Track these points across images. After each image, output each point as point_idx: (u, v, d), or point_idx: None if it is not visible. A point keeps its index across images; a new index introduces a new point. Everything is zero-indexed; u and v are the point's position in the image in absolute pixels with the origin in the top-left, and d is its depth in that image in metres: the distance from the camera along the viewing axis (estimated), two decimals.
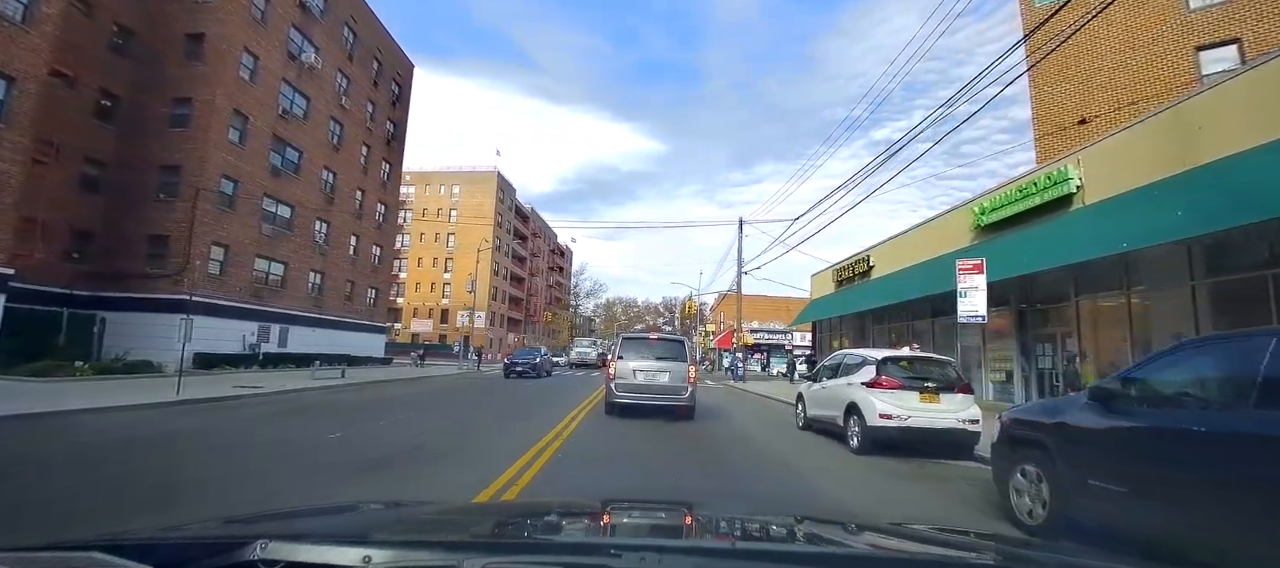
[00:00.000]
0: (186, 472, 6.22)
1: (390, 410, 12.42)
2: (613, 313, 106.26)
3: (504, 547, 1.37)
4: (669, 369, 10.93)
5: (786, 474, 7.16)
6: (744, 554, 1.41)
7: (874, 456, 8.03)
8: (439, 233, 64.09)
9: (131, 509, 4.62)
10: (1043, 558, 1.58)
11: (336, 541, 1.23)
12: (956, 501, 6.00)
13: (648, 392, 10.82)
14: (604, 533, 1.69)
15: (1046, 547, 2.11)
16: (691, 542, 1.64)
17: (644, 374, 10.88)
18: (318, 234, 30.22)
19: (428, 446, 7.94)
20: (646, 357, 11.12)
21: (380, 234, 37.27)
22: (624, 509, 2.07)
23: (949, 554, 1.56)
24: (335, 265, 32.01)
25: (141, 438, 8.11)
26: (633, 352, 11.28)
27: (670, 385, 10.85)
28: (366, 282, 35.53)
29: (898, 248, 21.17)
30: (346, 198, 32.77)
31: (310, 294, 29.85)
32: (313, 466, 6.62)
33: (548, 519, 1.86)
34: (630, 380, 10.86)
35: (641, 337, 12.94)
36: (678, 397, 10.87)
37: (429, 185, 65.03)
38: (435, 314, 62.84)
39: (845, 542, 1.56)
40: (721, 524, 1.83)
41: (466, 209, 63.84)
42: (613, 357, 11.53)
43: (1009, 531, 4.48)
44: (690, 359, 11.33)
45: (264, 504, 4.70)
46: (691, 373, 11.13)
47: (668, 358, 11.16)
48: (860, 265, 23.72)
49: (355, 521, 1.80)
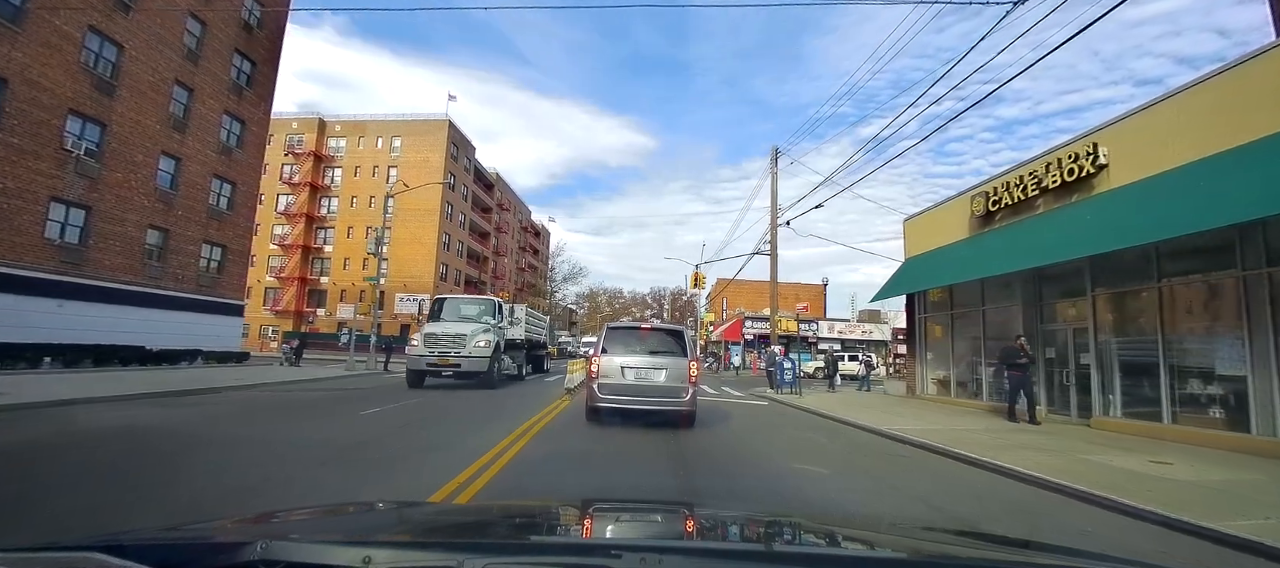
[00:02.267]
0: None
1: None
2: (597, 304, 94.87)
3: (504, 547, 1.35)
4: (665, 366, 9.05)
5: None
6: (745, 555, 1.42)
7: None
8: (375, 197, 51.40)
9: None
10: (1046, 558, 1.54)
11: (336, 541, 1.23)
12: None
13: (639, 394, 8.94)
14: (604, 533, 1.70)
15: (1051, 548, 1.78)
16: (692, 543, 1.59)
17: (634, 372, 9.02)
18: (70, 139, 17.68)
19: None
20: (638, 351, 9.28)
21: (228, 165, 24.71)
22: (624, 510, 2.12)
23: (949, 554, 1.55)
24: (124, 201, 19.50)
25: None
26: (621, 345, 9.45)
27: (666, 386, 8.98)
28: (199, 235, 23.04)
29: (1171, 125, 9.28)
30: (145, 94, 20.21)
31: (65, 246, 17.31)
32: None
33: (548, 520, 1.84)
34: (617, 380, 9.01)
35: (632, 327, 10.63)
36: (675, 400, 8.96)
37: (364, 137, 52.29)
38: (368, 297, 50.14)
39: (846, 543, 1.59)
40: (722, 525, 1.84)
41: (410, 167, 51.17)
42: (595, 352, 9.62)
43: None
44: (690, 353, 9.41)
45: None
46: (692, 370, 9.17)
47: (663, 352, 9.27)
48: (1069, 166, 11.62)
49: (355, 521, 1.82)
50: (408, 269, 49.51)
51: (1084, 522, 4.83)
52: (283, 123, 53.36)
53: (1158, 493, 5.40)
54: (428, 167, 50.84)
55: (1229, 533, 4.27)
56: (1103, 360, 11.08)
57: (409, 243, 49.57)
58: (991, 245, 13.83)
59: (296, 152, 51.90)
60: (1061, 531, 4.60)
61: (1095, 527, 4.68)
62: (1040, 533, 4.43)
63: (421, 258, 49.57)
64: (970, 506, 5.39)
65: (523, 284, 77.76)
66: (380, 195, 50.68)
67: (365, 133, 52.05)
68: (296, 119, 53.44)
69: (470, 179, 58.31)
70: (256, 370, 20.49)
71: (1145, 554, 4.05)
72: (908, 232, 18.48)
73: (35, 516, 3.92)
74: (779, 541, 1.58)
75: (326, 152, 53.00)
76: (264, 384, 15.22)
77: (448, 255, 52.76)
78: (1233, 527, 4.37)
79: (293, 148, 52.15)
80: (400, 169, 51.48)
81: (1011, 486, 6.20)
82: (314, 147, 51.62)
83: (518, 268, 76.47)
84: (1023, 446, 8.43)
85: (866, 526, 1.85)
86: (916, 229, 17.86)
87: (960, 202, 15.62)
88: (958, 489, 6.02)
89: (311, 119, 52.90)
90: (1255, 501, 5.37)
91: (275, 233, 51.63)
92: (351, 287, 50.25)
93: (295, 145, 52.27)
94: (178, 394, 12.21)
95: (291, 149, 52.11)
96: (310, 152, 51.41)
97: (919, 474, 6.76)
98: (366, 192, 51.46)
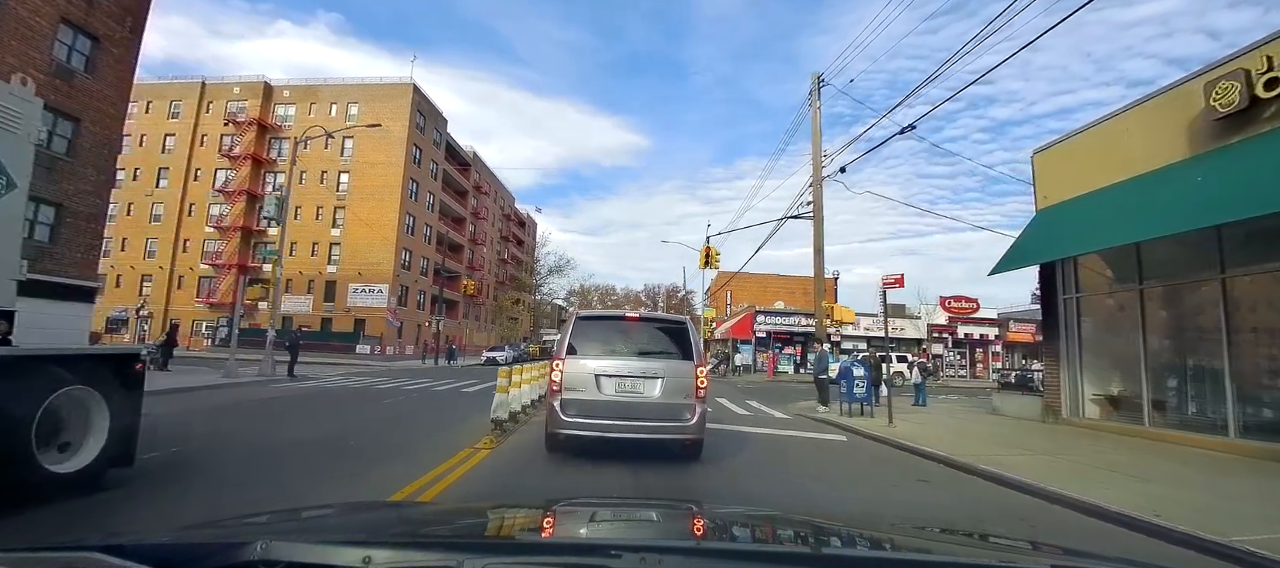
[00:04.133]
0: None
1: None
2: (588, 300, 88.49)
3: (504, 547, 1.36)
4: (661, 374, 6.32)
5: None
6: (745, 555, 1.40)
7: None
8: (327, 172, 44.62)
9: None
10: (1046, 558, 1.54)
11: (336, 541, 1.22)
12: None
13: (623, 416, 6.17)
14: (604, 533, 1.66)
15: (1052, 548, 1.78)
16: (692, 542, 1.55)
17: (616, 383, 6.32)
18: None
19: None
20: (621, 353, 6.48)
21: (69, 94, 17.94)
22: (624, 510, 2.05)
23: (949, 553, 1.54)
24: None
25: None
26: (597, 343, 6.57)
27: (662, 403, 6.26)
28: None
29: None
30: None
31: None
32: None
33: (548, 520, 1.76)
34: (591, 394, 6.28)
35: (613, 318, 7.08)
36: (675, 424, 6.23)
37: (316, 103, 45.46)
38: (318, 288, 43.41)
39: (847, 543, 1.55)
40: (722, 525, 1.81)
41: (368, 139, 44.45)
42: (558, 352, 6.58)
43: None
44: (696, 356, 6.50)
45: None
46: (699, 379, 6.35)
47: (657, 354, 6.50)
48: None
49: (355, 521, 1.80)
50: (363, 256, 42.79)
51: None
52: (223, 87, 46.57)
53: None
54: (389, 138, 44.13)
55: None
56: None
57: (365, 225, 42.85)
58: (1260, 161, 7.48)
59: (238, 120, 45.06)
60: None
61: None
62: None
63: (379, 243, 42.84)
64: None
65: (506, 278, 71.05)
66: (334, 170, 44.05)
67: (317, 99, 45.22)
68: (239, 83, 46.57)
69: (442, 155, 51.54)
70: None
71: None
72: (1041, 170, 12.10)
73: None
74: (779, 541, 1.57)
75: (273, 120, 46.15)
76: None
77: (412, 240, 46.01)
78: None
79: (233, 116, 45.30)
80: (357, 140, 44.78)
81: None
82: (258, 114, 44.77)
83: (500, 259, 69.78)
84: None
85: (867, 525, 1.78)
86: (1064, 160, 11.46)
87: (1163, 103, 9.26)
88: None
89: (256, 83, 46.05)
90: None
91: (212, 213, 44.77)
92: (299, 275, 43.44)
93: (237, 113, 45.43)
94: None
95: (232, 118, 45.27)
96: (253, 120, 44.57)
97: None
98: (318, 166, 44.64)
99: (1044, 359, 11.82)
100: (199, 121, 46.17)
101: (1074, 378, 11.20)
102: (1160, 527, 4.53)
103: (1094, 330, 11.27)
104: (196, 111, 46.19)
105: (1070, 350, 11.28)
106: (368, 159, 43.77)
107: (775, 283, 54.43)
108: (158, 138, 46.17)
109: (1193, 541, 4.24)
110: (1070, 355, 11.28)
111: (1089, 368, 11.12)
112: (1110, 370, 10.88)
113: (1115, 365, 10.86)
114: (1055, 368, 11.52)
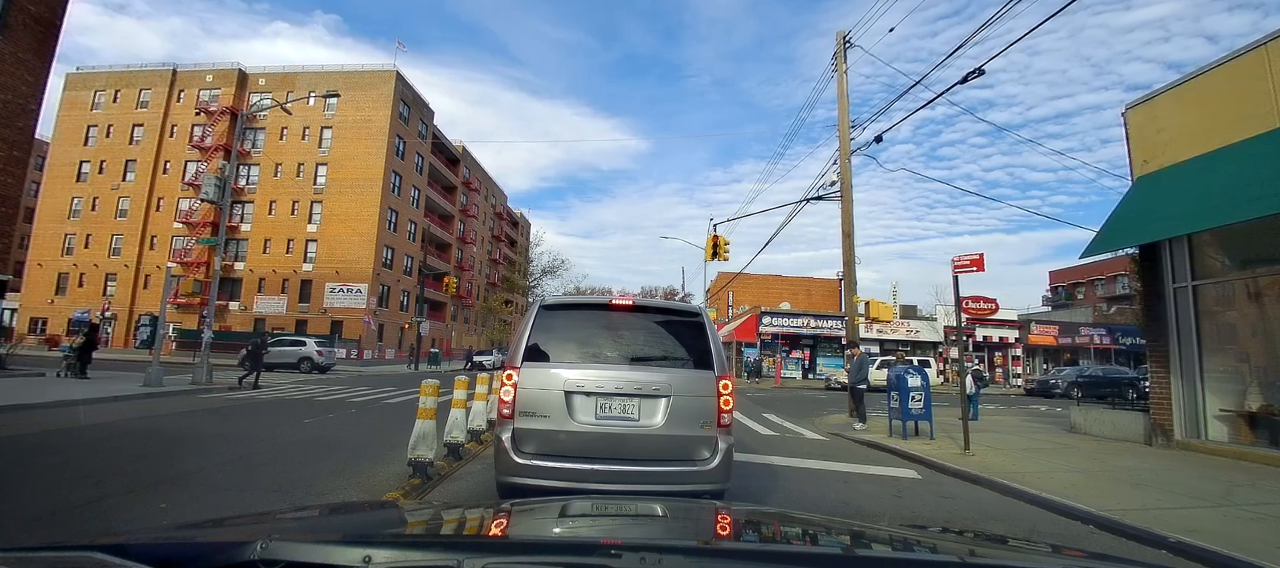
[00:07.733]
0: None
1: None
2: None
3: (504, 547, 1.33)
4: (665, 389, 4.07)
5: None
6: (745, 555, 1.37)
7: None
8: (304, 164, 41.99)
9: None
10: (1045, 558, 1.49)
11: (336, 540, 1.21)
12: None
13: (608, 455, 3.99)
14: (604, 533, 1.62)
15: (1051, 548, 1.66)
16: (692, 542, 1.51)
17: (598, 404, 4.07)
18: None
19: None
20: (606, 359, 4.24)
21: None
22: (624, 510, 1.97)
23: (950, 552, 1.49)
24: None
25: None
26: (570, 345, 4.30)
27: (666, 435, 4.02)
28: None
29: None
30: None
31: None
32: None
33: (547, 519, 1.74)
34: (559, 423, 4.05)
35: (594, 306, 4.59)
36: (687, 468, 4.00)
37: (294, 91, 42.85)
38: (293, 288, 40.70)
39: (847, 542, 1.52)
40: (724, 524, 1.75)
41: (348, 128, 41.88)
42: (513, 361, 4.19)
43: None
44: (719, 363, 4.18)
45: None
46: (723, 398, 4.09)
47: (658, 360, 4.29)
48: None
49: (355, 520, 1.78)
50: (341, 253, 40.14)
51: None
52: (195, 75, 43.97)
53: None
54: (370, 128, 41.59)
55: None
56: None
57: (344, 220, 40.23)
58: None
59: (210, 110, 42.42)
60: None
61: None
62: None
63: (359, 240, 40.20)
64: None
65: (498, 278, 68.42)
66: (311, 162, 41.46)
67: (294, 87, 42.58)
68: (212, 70, 43.95)
69: (428, 149, 48.94)
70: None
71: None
72: (1138, 128, 9.64)
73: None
74: (779, 540, 1.54)
75: (247, 109, 43.49)
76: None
77: (394, 237, 43.37)
78: None
79: (206, 105, 42.66)
80: (335, 131, 42.18)
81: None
82: (231, 103, 42.14)
83: (491, 259, 67.12)
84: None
85: (867, 525, 1.73)
86: (1175, 112, 9.00)
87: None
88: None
89: (230, 70, 43.44)
90: None
91: (180, 207, 42.07)
92: (272, 274, 40.76)
93: (209, 103, 42.79)
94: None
95: (204, 107, 42.63)
96: (226, 109, 41.94)
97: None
98: (294, 158, 42.01)
99: (1149, 365, 9.33)
100: (169, 111, 43.51)
101: (1192, 390, 8.72)
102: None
103: (1219, 328, 8.82)
104: (167, 100, 43.54)
105: (1186, 354, 8.80)
106: (347, 151, 41.17)
107: (778, 284, 51.96)
108: (125, 128, 43.48)
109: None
110: (1186, 361, 8.80)
111: (1212, 376, 8.65)
112: (1244, 380, 8.43)
113: (1248, 376, 8.41)
114: (1164, 376, 9.04)
